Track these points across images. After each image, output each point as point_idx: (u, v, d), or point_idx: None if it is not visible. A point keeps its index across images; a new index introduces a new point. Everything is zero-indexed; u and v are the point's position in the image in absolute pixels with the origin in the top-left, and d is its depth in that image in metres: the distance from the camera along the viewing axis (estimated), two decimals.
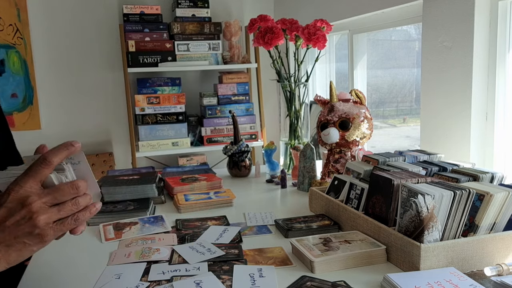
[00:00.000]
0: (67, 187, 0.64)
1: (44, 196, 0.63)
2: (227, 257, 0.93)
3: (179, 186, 1.43)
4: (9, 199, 0.62)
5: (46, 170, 0.63)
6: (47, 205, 0.63)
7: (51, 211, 0.63)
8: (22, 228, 0.62)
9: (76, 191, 0.64)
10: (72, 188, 0.64)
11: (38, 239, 0.63)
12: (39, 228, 0.62)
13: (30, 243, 0.63)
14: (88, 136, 2.88)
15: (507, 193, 0.85)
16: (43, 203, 0.62)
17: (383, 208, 0.97)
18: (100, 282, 0.85)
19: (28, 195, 0.62)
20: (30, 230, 0.62)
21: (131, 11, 2.67)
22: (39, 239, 0.63)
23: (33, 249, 0.64)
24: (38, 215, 0.62)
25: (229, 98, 2.85)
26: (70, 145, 0.65)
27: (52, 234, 0.63)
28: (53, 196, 0.63)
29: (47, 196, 0.63)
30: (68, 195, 0.64)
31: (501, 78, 1.41)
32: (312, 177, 1.46)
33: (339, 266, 0.87)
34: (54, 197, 0.63)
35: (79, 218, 0.65)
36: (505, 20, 1.39)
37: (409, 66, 2.22)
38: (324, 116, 1.42)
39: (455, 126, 1.50)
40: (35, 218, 0.61)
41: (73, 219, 0.65)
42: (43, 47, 2.71)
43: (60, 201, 0.64)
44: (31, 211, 0.61)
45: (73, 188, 0.64)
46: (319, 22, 1.64)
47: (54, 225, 0.63)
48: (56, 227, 0.64)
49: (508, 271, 0.80)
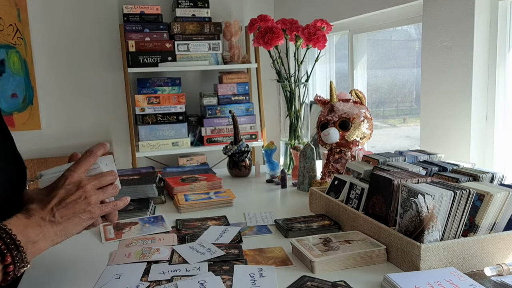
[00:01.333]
0: (108, 174, 0.81)
1: (93, 180, 0.78)
2: (227, 257, 0.93)
3: (179, 186, 1.43)
4: (67, 182, 0.76)
5: (92, 159, 0.80)
6: (95, 187, 0.78)
7: (98, 192, 0.78)
8: (79, 205, 0.75)
9: (114, 177, 0.81)
10: (111, 175, 0.81)
11: (89, 215, 0.76)
12: (91, 206, 0.76)
13: (84, 218, 0.76)
14: (88, 136, 2.88)
15: (507, 193, 0.85)
16: (93, 185, 0.77)
17: (383, 208, 0.97)
18: (100, 282, 0.85)
19: (81, 179, 0.77)
20: (84, 207, 0.76)
21: (131, 11, 2.67)
22: (90, 215, 0.77)
23: (84, 224, 0.77)
24: (91, 195, 0.77)
25: (229, 98, 2.85)
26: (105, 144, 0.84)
27: (98, 212, 0.78)
28: (99, 181, 0.79)
29: (95, 180, 0.78)
30: (109, 180, 0.80)
31: (501, 78, 1.41)
32: (312, 177, 1.46)
33: (339, 266, 0.87)
34: (100, 181, 0.79)
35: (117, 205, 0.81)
36: (505, 20, 1.39)
37: (409, 66, 2.22)
38: (324, 116, 1.42)
39: (455, 126, 1.49)
40: (89, 197, 0.76)
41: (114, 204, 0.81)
42: (43, 47, 2.71)
43: (103, 185, 0.79)
44: (85, 192, 0.76)
45: (112, 175, 0.81)
46: (319, 22, 1.64)
47: (101, 205, 0.79)
48: (101, 207, 0.78)
49: (508, 271, 0.80)
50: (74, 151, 0.87)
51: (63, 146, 2.82)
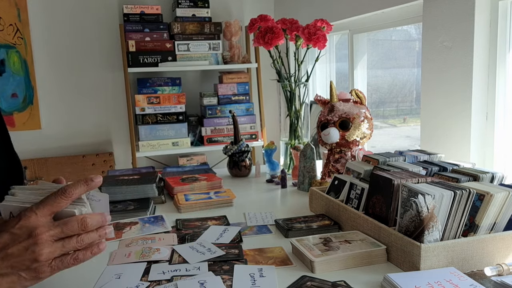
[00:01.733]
0: (76, 222, 0.63)
1: (52, 229, 0.61)
2: (227, 257, 0.93)
3: (179, 186, 1.43)
4: (18, 225, 0.60)
5: (64, 202, 0.62)
6: (53, 239, 0.61)
7: (55, 245, 0.61)
8: (22, 258, 0.59)
9: (83, 227, 0.63)
10: (81, 223, 0.63)
11: (34, 274, 0.60)
12: (39, 262, 0.60)
13: (26, 277, 0.60)
14: (88, 136, 2.88)
15: (507, 193, 0.85)
16: (50, 236, 0.61)
17: (383, 208, 0.97)
18: (100, 282, 0.85)
19: (38, 226, 0.60)
20: (29, 263, 0.60)
21: (131, 11, 2.67)
22: (35, 274, 0.60)
23: (26, 284, 0.61)
24: (42, 248, 0.60)
25: (229, 98, 2.85)
26: (90, 180, 0.65)
27: (49, 272, 0.62)
28: (61, 230, 0.62)
29: (55, 229, 0.61)
30: (75, 230, 0.62)
31: (501, 78, 1.41)
32: (312, 177, 1.46)
33: (339, 266, 0.87)
34: (62, 230, 0.62)
35: (78, 258, 0.63)
36: (505, 20, 1.39)
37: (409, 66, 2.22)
38: (324, 116, 1.42)
39: (455, 126, 1.49)
40: (38, 251, 0.59)
41: (73, 258, 0.63)
42: (43, 47, 2.71)
43: (66, 235, 0.62)
44: (36, 243, 0.59)
45: (82, 224, 0.63)
46: (319, 22, 1.64)
47: (53, 262, 0.62)
48: (54, 264, 0.62)
49: (508, 271, 0.80)
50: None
51: (63, 146, 2.81)
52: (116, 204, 1.29)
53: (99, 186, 0.68)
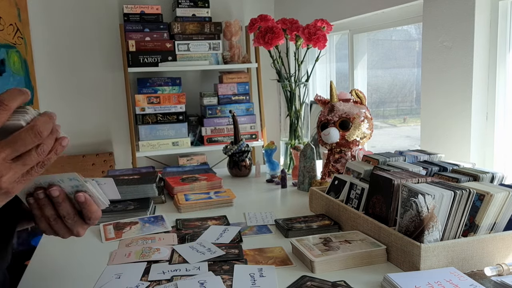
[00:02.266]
0: (28, 134, 0.54)
1: (2, 150, 0.53)
2: (227, 257, 0.93)
3: (179, 186, 1.43)
4: None
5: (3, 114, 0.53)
6: (8, 160, 0.54)
7: (14, 166, 0.54)
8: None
9: (39, 137, 0.55)
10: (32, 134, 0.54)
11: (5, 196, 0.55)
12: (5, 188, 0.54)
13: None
14: (88, 136, 2.88)
15: (507, 193, 0.85)
16: (3, 159, 0.53)
17: (383, 208, 0.97)
18: (100, 282, 0.85)
19: None
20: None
21: (131, 11, 2.67)
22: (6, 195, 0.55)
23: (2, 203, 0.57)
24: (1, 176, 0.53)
25: (229, 98, 2.85)
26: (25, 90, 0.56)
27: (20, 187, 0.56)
28: (13, 148, 0.53)
29: (5, 149, 0.53)
30: (31, 143, 0.54)
31: (502, 78, 1.41)
32: (312, 177, 1.46)
33: (339, 266, 0.87)
34: (15, 149, 0.54)
35: (45, 164, 0.57)
36: (505, 20, 1.39)
37: (409, 66, 2.22)
38: (324, 116, 1.42)
39: (455, 126, 1.49)
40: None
41: (39, 167, 0.57)
42: (43, 47, 2.71)
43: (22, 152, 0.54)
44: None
45: (35, 135, 0.54)
46: (319, 22, 1.64)
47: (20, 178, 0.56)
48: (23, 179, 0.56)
49: (508, 271, 0.80)
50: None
51: None
52: (116, 204, 1.29)
53: None
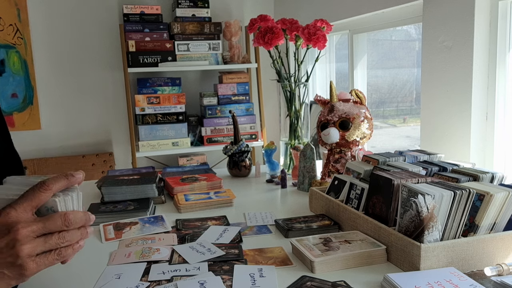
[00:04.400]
0: (59, 217, 0.61)
1: (33, 225, 0.59)
2: (227, 257, 0.93)
3: (179, 186, 1.43)
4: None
5: (43, 195, 0.61)
6: (34, 235, 0.59)
7: (36, 241, 0.59)
8: (4, 256, 0.58)
9: (66, 224, 0.62)
10: (64, 220, 0.61)
11: (18, 271, 0.59)
12: (21, 259, 0.58)
13: (10, 275, 0.59)
14: (88, 136, 2.88)
15: (507, 193, 0.85)
16: (30, 231, 0.59)
17: (383, 208, 0.97)
18: (100, 282, 0.85)
19: (18, 221, 0.58)
20: (11, 259, 0.58)
21: (131, 11, 2.67)
22: (20, 271, 0.59)
23: (11, 283, 0.60)
24: (23, 244, 0.58)
25: (229, 98, 2.85)
26: (70, 175, 0.64)
27: (33, 268, 0.60)
28: (43, 225, 0.60)
29: (36, 224, 0.59)
30: (58, 226, 0.61)
31: (501, 78, 1.41)
32: (312, 177, 1.46)
33: (339, 266, 0.87)
34: (44, 226, 0.60)
35: (61, 253, 0.62)
36: (505, 20, 1.39)
37: (409, 66, 2.22)
38: (324, 116, 1.42)
39: (455, 126, 1.49)
40: (19, 247, 0.57)
41: (56, 254, 0.62)
42: (43, 47, 2.71)
43: (48, 232, 0.60)
44: (16, 239, 0.57)
45: (65, 220, 0.61)
46: (319, 22, 1.64)
47: (37, 258, 0.60)
48: (39, 260, 0.60)
49: (508, 271, 0.80)
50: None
51: (63, 146, 2.82)
52: (116, 204, 1.29)
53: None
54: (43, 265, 0.61)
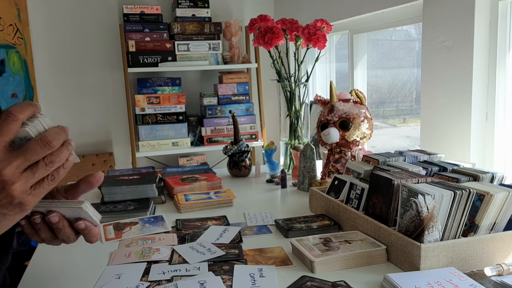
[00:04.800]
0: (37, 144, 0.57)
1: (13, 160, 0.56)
2: (227, 257, 0.93)
3: (179, 186, 1.43)
4: None
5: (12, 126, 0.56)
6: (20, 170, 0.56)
7: (25, 176, 0.57)
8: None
9: (49, 147, 0.57)
10: (43, 143, 0.57)
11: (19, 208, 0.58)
12: (17, 198, 0.56)
13: (11, 213, 0.58)
14: (88, 136, 2.88)
15: (507, 193, 0.85)
16: (14, 168, 0.56)
17: (383, 208, 0.97)
18: (100, 282, 0.85)
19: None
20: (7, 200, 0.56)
21: (131, 11, 2.67)
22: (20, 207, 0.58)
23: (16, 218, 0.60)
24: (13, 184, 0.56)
25: (229, 98, 2.85)
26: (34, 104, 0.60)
27: (32, 200, 0.58)
28: (24, 158, 0.56)
29: (17, 159, 0.56)
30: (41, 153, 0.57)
31: (501, 78, 1.41)
32: (312, 177, 1.46)
33: (339, 266, 0.87)
34: (25, 158, 0.56)
35: (55, 178, 0.60)
36: (505, 20, 1.39)
37: (409, 66, 2.22)
38: (324, 116, 1.42)
39: (455, 126, 1.49)
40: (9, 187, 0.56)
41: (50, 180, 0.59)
42: (43, 47, 2.71)
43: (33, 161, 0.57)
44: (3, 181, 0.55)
45: (44, 145, 0.57)
46: (319, 22, 1.64)
47: (32, 191, 0.58)
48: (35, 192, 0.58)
49: (508, 271, 0.80)
50: (74, 151, 0.69)
51: None
52: (116, 204, 1.29)
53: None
54: (41, 193, 0.59)
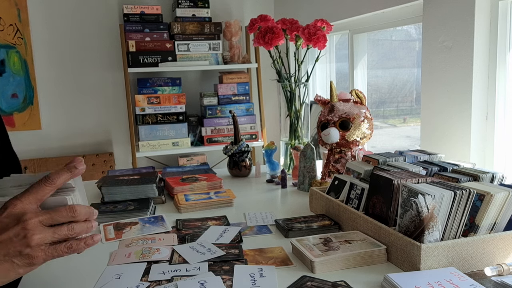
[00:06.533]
0: (65, 209, 0.63)
1: (40, 215, 0.61)
2: (227, 257, 0.93)
3: (179, 186, 1.43)
4: (6, 213, 0.60)
5: (47, 188, 0.62)
6: (43, 224, 0.61)
7: (46, 231, 0.61)
8: (14, 245, 0.59)
9: (73, 214, 0.63)
10: (69, 211, 0.63)
11: (27, 260, 0.60)
12: (31, 248, 0.60)
13: (19, 264, 0.60)
14: (88, 136, 2.88)
15: (507, 193, 0.85)
16: (39, 221, 0.61)
17: (384, 208, 0.97)
18: (100, 282, 0.85)
19: (26, 212, 0.60)
20: (21, 248, 0.59)
21: (131, 11, 2.67)
22: (28, 260, 0.60)
23: (20, 272, 0.61)
24: (33, 234, 0.60)
25: (229, 98, 2.85)
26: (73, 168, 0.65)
27: (42, 257, 0.61)
28: (50, 216, 0.62)
29: (44, 215, 0.61)
30: (65, 217, 0.62)
31: (502, 78, 1.41)
32: (312, 177, 1.46)
33: (339, 266, 0.87)
34: (51, 216, 0.62)
35: (72, 247, 0.63)
36: (505, 20, 1.39)
37: (409, 66, 2.22)
38: (324, 116, 1.42)
39: (455, 126, 1.49)
40: (29, 236, 0.59)
41: (66, 247, 0.63)
42: (43, 47, 2.71)
43: (56, 222, 0.62)
44: (26, 228, 0.59)
45: (70, 211, 0.63)
46: (319, 22, 1.64)
47: (46, 248, 0.61)
48: (48, 250, 0.61)
49: (508, 271, 0.80)
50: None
51: (63, 146, 2.82)
52: (116, 204, 1.29)
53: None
54: (51, 255, 0.62)
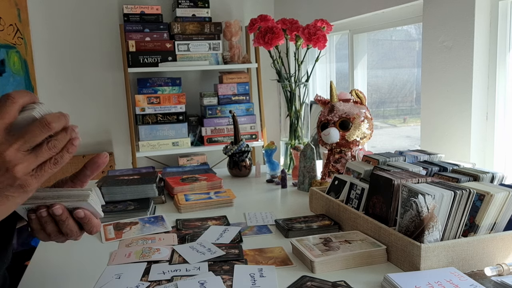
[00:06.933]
0: (36, 126, 0.57)
1: (14, 142, 0.56)
2: (227, 257, 0.93)
3: (179, 186, 1.43)
4: None
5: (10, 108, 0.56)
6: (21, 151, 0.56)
7: (27, 158, 0.57)
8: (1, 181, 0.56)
9: (48, 129, 0.57)
10: (42, 126, 0.57)
11: (21, 190, 0.58)
12: (19, 179, 0.57)
13: (14, 195, 0.58)
14: (88, 136, 2.88)
15: (507, 193, 0.85)
16: (15, 149, 0.56)
17: (384, 208, 0.97)
18: (100, 282, 0.85)
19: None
20: (10, 182, 0.56)
21: (131, 11, 2.67)
22: (22, 189, 0.58)
23: (18, 201, 0.60)
24: (15, 164, 0.56)
25: (229, 98, 2.85)
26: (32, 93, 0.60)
27: (35, 182, 0.58)
28: (23, 140, 0.56)
29: (17, 141, 0.56)
30: (39, 134, 0.57)
31: (502, 78, 1.41)
32: (312, 177, 1.46)
33: (339, 266, 0.87)
34: (24, 140, 0.56)
35: (58, 161, 0.60)
36: (505, 20, 1.39)
37: (409, 66, 2.22)
38: (324, 116, 1.42)
39: (455, 126, 1.49)
40: (12, 169, 0.56)
41: (52, 163, 0.59)
42: (43, 47, 2.71)
43: (34, 144, 0.57)
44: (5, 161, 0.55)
45: (43, 126, 0.57)
46: (319, 22, 1.64)
47: (34, 173, 0.58)
48: (37, 174, 0.58)
49: (508, 271, 0.80)
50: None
51: None
52: (116, 204, 1.29)
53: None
54: (43, 176, 0.59)
